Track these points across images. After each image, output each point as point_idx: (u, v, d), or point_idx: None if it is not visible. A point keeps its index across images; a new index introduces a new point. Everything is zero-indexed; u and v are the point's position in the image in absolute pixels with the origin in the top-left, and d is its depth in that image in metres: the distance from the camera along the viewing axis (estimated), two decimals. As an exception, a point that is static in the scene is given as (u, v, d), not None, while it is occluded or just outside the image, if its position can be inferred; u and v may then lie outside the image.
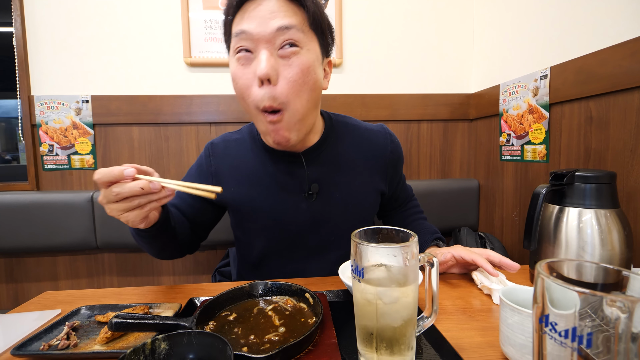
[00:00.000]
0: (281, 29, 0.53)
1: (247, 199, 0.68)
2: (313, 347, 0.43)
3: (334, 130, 0.71)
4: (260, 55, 0.54)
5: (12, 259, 1.21)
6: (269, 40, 0.54)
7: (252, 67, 0.56)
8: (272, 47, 0.55)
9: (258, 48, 0.55)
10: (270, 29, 0.53)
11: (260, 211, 0.68)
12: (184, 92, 1.25)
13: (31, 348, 0.45)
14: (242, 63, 0.57)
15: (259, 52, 0.55)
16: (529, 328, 0.39)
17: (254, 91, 0.56)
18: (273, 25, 0.53)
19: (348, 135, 0.71)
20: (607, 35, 0.78)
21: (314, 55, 0.58)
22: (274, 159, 0.68)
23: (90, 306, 0.57)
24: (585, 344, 0.25)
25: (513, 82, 1.08)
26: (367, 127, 0.75)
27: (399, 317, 0.37)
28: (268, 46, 0.54)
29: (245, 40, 0.55)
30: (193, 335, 0.39)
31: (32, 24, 1.20)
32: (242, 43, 0.55)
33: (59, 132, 1.22)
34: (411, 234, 0.40)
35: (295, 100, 0.56)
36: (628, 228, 0.59)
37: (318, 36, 0.59)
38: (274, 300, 0.56)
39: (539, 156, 0.99)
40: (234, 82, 0.59)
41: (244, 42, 0.55)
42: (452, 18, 1.33)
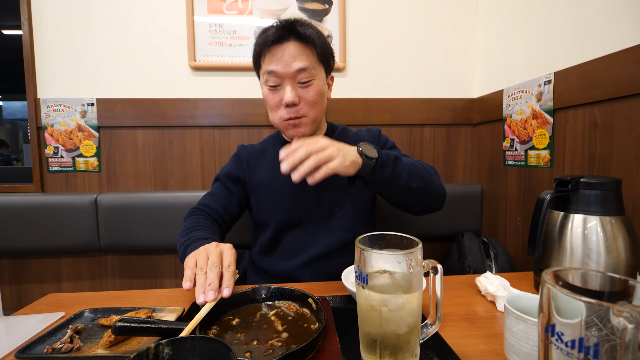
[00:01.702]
0: (300, 70, 0.76)
1: (269, 179, 0.87)
2: (316, 353, 0.43)
3: (332, 132, 0.94)
4: (286, 87, 0.77)
5: (15, 260, 1.22)
6: (292, 77, 0.77)
7: (279, 94, 0.79)
8: (294, 81, 0.78)
9: (284, 83, 0.78)
10: (293, 69, 0.76)
11: (278, 187, 0.85)
12: (188, 95, 1.26)
13: (35, 351, 0.45)
14: (271, 91, 0.80)
15: (285, 85, 0.78)
16: (534, 336, 0.39)
17: (281, 110, 0.80)
18: (294, 67, 0.76)
19: (343, 135, 0.93)
20: (612, 41, 0.78)
21: (322, 81, 0.82)
22: None
23: (94, 309, 0.57)
24: (592, 354, 0.25)
25: (517, 87, 1.08)
26: (356, 130, 0.97)
27: (403, 324, 0.37)
28: (291, 81, 0.77)
29: (274, 77, 0.77)
30: (196, 340, 0.39)
31: (39, 28, 1.21)
32: (272, 80, 0.78)
33: (64, 134, 1.23)
34: (416, 240, 0.40)
35: (311, 112, 0.81)
36: (634, 235, 0.59)
37: (324, 64, 0.82)
38: (276, 305, 0.56)
39: (542, 161, 0.99)
40: (266, 101, 0.82)
41: (273, 79, 0.78)
42: (456, 22, 1.33)
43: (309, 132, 0.83)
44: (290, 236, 0.85)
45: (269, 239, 0.87)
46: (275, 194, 0.86)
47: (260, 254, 0.89)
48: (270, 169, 0.88)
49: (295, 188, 0.84)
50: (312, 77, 0.78)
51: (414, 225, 1.25)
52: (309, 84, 0.78)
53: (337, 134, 0.93)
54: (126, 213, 1.16)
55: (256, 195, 0.89)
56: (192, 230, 0.74)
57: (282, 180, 0.84)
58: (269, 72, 0.77)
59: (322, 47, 0.79)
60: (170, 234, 1.17)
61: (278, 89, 0.79)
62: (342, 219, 0.85)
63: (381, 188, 0.69)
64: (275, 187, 0.86)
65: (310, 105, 0.79)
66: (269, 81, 0.78)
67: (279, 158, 0.61)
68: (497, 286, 0.61)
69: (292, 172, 0.60)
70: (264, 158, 0.91)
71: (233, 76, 1.27)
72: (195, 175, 1.28)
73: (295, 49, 0.76)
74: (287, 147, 0.61)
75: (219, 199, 0.87)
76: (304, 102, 0.79)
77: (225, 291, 0.53)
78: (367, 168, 0.64)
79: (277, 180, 0.86)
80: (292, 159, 0.59)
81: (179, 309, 0.57)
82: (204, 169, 1.28)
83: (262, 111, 1.27)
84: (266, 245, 0.87)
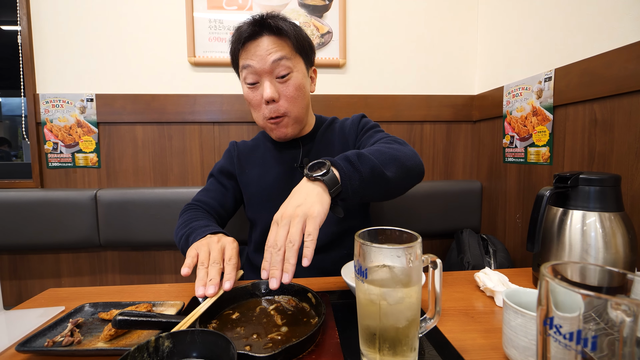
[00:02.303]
0: (276, 61, 0.74)
1: (257, 177, 0.87)
2: (315, 347, 0.43)
3: (320, 125, 0.92)
4: (264, 84, 0.75)
5: (15, 255, 1.22)
6: (269, 71, 0.75)
7: (259, 91, 0.77)
8: (271, 76, 0.76)
9: (262, 79, 0.76)
10: (268, 63, 0.74)
11: (266, 183, 0.85)
12: (187, 91, 1.25)
13: (35, 344, 0.46)
14: (251, 89, 0.79)
15: (263, 82, 0.76)
16: (532, 330, 0.39)
17: (262, 107, 0.78)
18: (270, 60, 0.74)
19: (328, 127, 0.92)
20: (613, 38, 0.78)
21: (302, 73, 0.79)
22: (278, 147, 0.89)
23: (94, 303, 0.57)
24: (590, 347, 0.25)
25: (517, 84, 1.08)
26: (341, 120, 0.94)
27: (402, 318, 0.37)
28: (269, 76, 0.75)
29: (251, 73, 0.76)
30: (197, 333, 0.39)
31: (38, 23, 1.20)
32: (250, 77, 0.76)
33: (63, 130, 1.23)
34: (415, 235, 0.40)
35: (292, 110, 0.79)
36: (632, 231, 0.59)
37: (302, 56, 0.80)
38: (276, 300, 0.56)
39: (542, 158, 0.99)
40: (247, 101, 0.81)
41: (251, 75, 0.76)
42: (456, 19, 1.33)
43: (292, 132, 0.81)
44: None
45: (259, 235, 0.87)
46: (264, 191, 0.86)
47: (254, 251, 0.89)
48: (260, 166, 0.88)
49: (283, 184, 0.83)
50: (289, 70, 0.76)
51: (413, 221, 1.25)
52: (287, 78, 0.76)
53: (325, 126, 0.90)
54: (126, 209, 1.16)
55: (246, 192, 0.89)
56: (192, 221, 0.74)
57: (271, 177, 0.86)
58: (245, 67, 0.76)
59: (297, 37, 0.76)
60: (170, 230, 1.17)
61: (257, 86, 0.77)
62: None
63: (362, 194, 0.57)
64: (264, 184, 0.86)
65: (291, 102, 0.77)
66: (247, 78, 0.77)
67: (262, 277, 0.50)
68: (495, 281, 0.61)
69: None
70: (254, 155, 0.91)
71: (233, 72, 1.26)
72: (194, 171, 1.28)
73: (269, 42, 0.74)
74: (264, 262, 0.50)
75: (214, 194, 0.87)
76: (284, 98, 0.77)
77: (226, 284, 0.53)
78: (332, 185, 0.54)
79: (266, 177, 0.86)
80: (273, 272, 0.48)
81: (179, 303, 0.57)
82: (203, 165, 1.28)
83: (262, 107, 1.26)
84: (259, 242, 0.87)
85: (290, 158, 0.87)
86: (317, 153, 0.87)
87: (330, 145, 0.88)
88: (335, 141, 0.88)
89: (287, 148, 0.88)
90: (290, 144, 0.88)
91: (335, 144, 0.88)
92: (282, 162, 0.87)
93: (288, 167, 0.86)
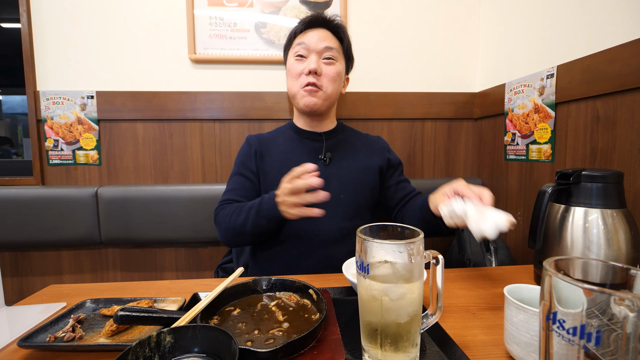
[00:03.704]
0: (326, 48, 0.88)
1: (278, 165, 0.89)
2: (317, 342, 0.43)
3: (342, 128, 1.00)
4: (311, 58, 0.87)
5: (17, 253, 1.22)
6: (319, 51, 0.88)
7: (304, 64, 0.88)
8: (319, 56, 0.88)
9: (310, 55, 0.88)
10: (320, 46, 0.88)
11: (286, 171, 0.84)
12: (188, 88, 1.25)
13: (37, 340, 0.46)
14: (298, 61, 0.89)
15: (310, 57, 0.88)
16: (534, 326, 0.39)
17: (302, 77, 0.87)
18: (322, 45, 0.88)
19: (352, 133, 1.01)
20: (615, 34, 0.77)
21: (341, 68, 0.92)
22: (300, 138, 0.94)
23: (95, 299, 0.57)
24: (594, 342, 0.25)
25: (519, 81, 1.07)
26: (364, 133, 1.04)
27: (404, 314, 0.37)
28: (317, 55, 0.88)
29: (303, 48, 0.88)
30: (198, 329, 0.39)
31: (38, 20, 1.20)
32: (301, 51, 0.88)
33: (64, 127, 1.23)
34: (417, 231, 0.40)
35: (328, 87, 0.89)
36: (635, 228, 0.59)
37: (345, 59, 0.94)
38: (277, 296, 0.56)
39: (544, 156, 0.99)
40: (289, 71, 0.90)
41: (302, 49, 0.88)
42: (458, 16, 1.32)
43: (321, 105, 0.89)
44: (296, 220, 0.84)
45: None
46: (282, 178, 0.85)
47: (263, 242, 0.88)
48: (280, 154, 0.91)
49: None
50: (335, 59, 0.89)
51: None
52: (331, 63, 0.88)
53: (349, 132, 1.00)
54: (127, 206, 1.16)
55: (265, 180, 0.90)
56: (243, 205, 0.79)
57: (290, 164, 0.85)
58: (299, 43, 0.88)
59: (347, 43, 0.93)
60: (170, 228, 1.17)
61: (304, 60, 0.88)
62: (346, 207, 0.87)
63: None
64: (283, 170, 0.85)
65: (329, 80, 0.88)
66: (299, 51, 0.88)
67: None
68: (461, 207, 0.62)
69: None
70: (274, 144, 0.94)
71: (234, 69, 1.27)
72: (195, 169, 1.28)
73: (326, 34, 0.89)
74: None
75: (242, 192, 0.89)
76: (324, 75, 0.87)
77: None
78: None
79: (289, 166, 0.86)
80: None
81: (180, 299, 0.57)
82: (204, 163, 1.28)
83: (263, 105, 1.26)
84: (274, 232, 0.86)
85: (313, 149, 0.92)
86: (341, 149, 0.94)
87: (353, 147, 0.96)
88: (359, 145, 0.97)
89: (310, 139, 0.93)
90: (314, 137, 0.94)
91: (359, 148, 0.96)
92: (305, 152, 0.91)
93: (311, 158, 0.89)
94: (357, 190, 0.89)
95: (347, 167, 0.91)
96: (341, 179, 0.89)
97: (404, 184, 0.98)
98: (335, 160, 0.91)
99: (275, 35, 1.26)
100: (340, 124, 1.01)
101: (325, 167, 0.90)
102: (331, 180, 0.87)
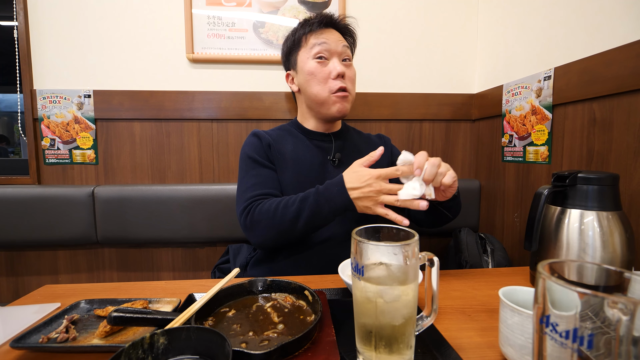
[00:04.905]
0: (344, 47, 0.88)
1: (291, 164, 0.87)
2: (312, 344, 0.43)
3: (347, 129, 1.01)
4: (334, 60, 0.86)
5: (12, 252, 1.22)
6: (339, 53, 0.87)
7: (327, 67, 0.86)
8: (339, 57, 0.87)
9: (332, 56, 0.86)
10: (341, 46, 0.87)
11: (299, 172, 0.87)
12: (186, 88, 1.25)
13: (30, 341, 0.45)
14: (320, 63, 0.86)
15: (333, 59, 0.86)
16: (528, 329, 0.39)
17: (330, 82, 0.85)
18: (341, 45, 0.87)
19: (355, 133, 1.01)
20: (613, 36, 0.78)
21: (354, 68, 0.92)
22: (309, 138, 0.93)
23: (90, 300, 0.57)
24: (587, 345, 0.25)
25: (516, 83, 1.07)
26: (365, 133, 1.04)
27: (399, 316, 0.37)
28: (338, 57, 0.87)
29: (325, 50, 0.86)
30: (192, 330, 0.39)
31: (35, 18, 1.19)
32: (323, 52, 0.86)
33: (60, 126, 1.22)
34: (412, 232, 0.40)
35: (352, 90, 0.90)
36: (630, 230, 0.59)
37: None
38: (273, 297, 0.56)
39: (541, 157, 0.99)
40: (313, 74, 0.86)
41: (324, 51, 0.86)
42: (456, 18, 1.32)
43: (348, 110, 0.89)
44: None
45: None
46: (295, 180, 0.85)
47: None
48: (292, 153, 0.88)
49: (316, 174, 0.87)
50: (350, 59, 0.90)
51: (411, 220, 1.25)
52: (350, 64, 0.89)
53: (351, 133, 1.00)
54: (123, 206, 1.16)
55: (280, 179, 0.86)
56: (289, 198, 0.74)
57: (304, 166, 0.88)
58: (320, 44, 0.85)
59: (354, 45, 0.96)
60: (167, 228, 1.17)
61: (325, 62, 0.86)
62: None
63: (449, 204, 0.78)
64: (297, 173, 0.86)
65: (351, 83, 0.89)
66: (320, 52, 0.85)
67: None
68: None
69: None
70: (285, 143, 0.90)
71: (231, 69, 1.26)
72: (192, 169, 1.27)
73: (338, 34, 0.89)
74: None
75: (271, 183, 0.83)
76: (347, 78, 0.87)
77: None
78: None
79: (300, 167, 0.87)
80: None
81: (175, 300, 0.57)
82: (201, 162, 1.27)
83: (261, 105, 1.26)
84: None
85: (322, 150, 0.91)
86: (350, 150, 0.94)
87: (360, 148, 0.95)
88: (364, 146, 0.96)
89: (319, 140, 0.93)
90: (322, 137, 0.93)
91: (364, 149, 0.91)
92: (315, 153, 0.90)
93: (321, 159, 0.90)
94: None
95: None
96: None
97: None
98: (344, 161, 0.91)
99: (274, 35, 1.26)
100: (345, 125, 1.01)
101: (334, 167, 0.90)
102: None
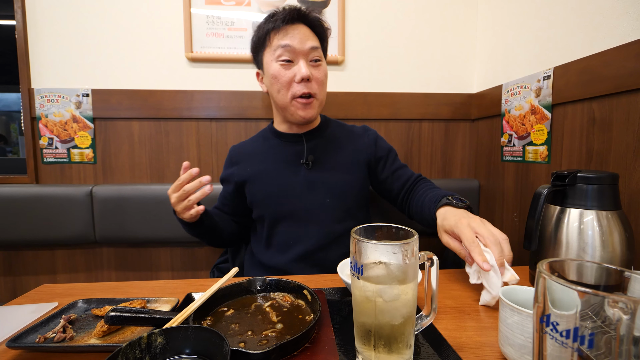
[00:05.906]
0: (312, 48, 0.81)
1: (258, 172, 0.87)
2: (311, 344, 0.43)
3: (326, 123, 0.94)
4: (300, 63, 0.80)
5: (10, 252, 1.21)
6: (305, 54, 0.80)
7: (292, 70, 0.80)
8: (307, 58, 0.81)
9: (297, 58, 0.80)
10: (307, 47, 0.80)
11: (268, 179, 0.86)
12: (185, 87, 1.24)
13: (27, 340, 0.45)
14: (284, 67, 0.80)
15: (299, 61, 0.80)
16: (528, 328, 0.39)
17: (294, 86, 0.81)
18: (308, 45, 0.80)
19: (337, 128, 0.95)
20: (612, 36, 0.78)
21: (326, 67, 0.86)
22: (281, 142, 0.90)
23: (87, 300, 0.57)
24: (587, 344, 0.25)
25: (516, 83, 1.07)
26: (350, 125, 0.98)
27: (398, 315, 0.37)
28: (304, 58, 0.80)
29: (288, 52, 0.79)
30: (190, 330, 0.39)
31: (34, 17, 1.19)
32: (286, 55, 0.80)
33: (58, 125, 1.22)
34: (412, 231, 0.40)
35: (320, 93, 0.84)
36: (629, 230, 0.59)
37: (324, 55, 0.87)
38: (271, 297, 0.55)
39: (540, 157, 0.99)
40: (276, 78, 0.81)
41: (287, 54, 0.79)
42: (455, 17, 1.32)
43: (315, 115, 0.85)
44: (283, 228, 0.86)
45: (264, 231, 0.87)
46: (268, 187, 0.86)
47: (265, 248, 0.89)
48: (263, 162, 0.89)
49: (288, 180, 0.86)
50: (321, 59, 0.83)
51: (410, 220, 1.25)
52: (319, 64, 0.83)
53: (334, 127, 0.95)
54: (122, 205, 1.15)
55: (250, 190, 0.89)
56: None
57: (275, 172, 0.87)
58: (283, 46, 0.79)
59: (325, 39, 0.87)
60: (166, 227, 1.16)
61: (291, 65, 0.80)
62: (333, 211, 0.85)
63: None
64: (269, 179, 0.87)
65: (320, 85, 0.83)
66: (283, 55, 0.79)
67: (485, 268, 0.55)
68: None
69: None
70: (256, 152, 0.91)
71: (230, 68, 1.26)
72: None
73: (307, 31, 0.81)
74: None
75: (222, 199, 0.95)
76: (315, 80, 0.82)
77: (205, 177, 0.70)
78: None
79: (271, 174, 0.87)
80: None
81: (173, 299, 0.56)
82: (200, 162, 1.27)
83: (260, 104, 1.26)
84: (263, 238, 0.88)
85: (294, 153, 0.88)
86: (324, 149, 0.89)
87: (337, 144, 0.91)
88: (343, 141, 0.92)
89: (291, 143, 0.89)
90: (294, 139, 0.90)
91: (343, 144, 0.91)
92: (286, 158, 0.88)
93: (292, 163, 0.87)
94: (343, 192, 0.86)
95: (332, 168, 0.88)
96: (326, 182, 0.86)
97: (400, 171, 0.93)
98: (318, 163, 0.87)
99: (273, 34, 1.25)
100: (325, 119, 0.95)
101: (308, 170, 0.86)
102: (315, 185, 0.85)
